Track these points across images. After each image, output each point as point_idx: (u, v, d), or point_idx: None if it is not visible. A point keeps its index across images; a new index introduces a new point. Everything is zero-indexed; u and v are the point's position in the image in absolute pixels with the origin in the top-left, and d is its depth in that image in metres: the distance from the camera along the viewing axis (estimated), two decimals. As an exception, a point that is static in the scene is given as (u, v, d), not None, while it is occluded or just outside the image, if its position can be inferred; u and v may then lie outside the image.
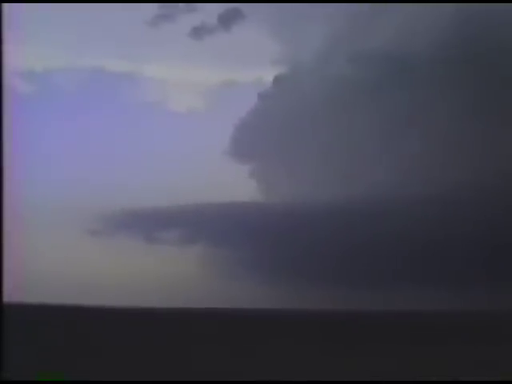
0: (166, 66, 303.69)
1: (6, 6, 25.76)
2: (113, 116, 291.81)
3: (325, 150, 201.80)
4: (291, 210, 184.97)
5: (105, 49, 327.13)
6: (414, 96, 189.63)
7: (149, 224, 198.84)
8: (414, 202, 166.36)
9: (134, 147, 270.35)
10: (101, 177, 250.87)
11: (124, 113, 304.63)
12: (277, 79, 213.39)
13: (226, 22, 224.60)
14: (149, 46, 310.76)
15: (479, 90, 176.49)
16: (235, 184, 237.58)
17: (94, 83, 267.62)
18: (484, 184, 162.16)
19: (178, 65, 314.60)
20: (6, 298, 23.34)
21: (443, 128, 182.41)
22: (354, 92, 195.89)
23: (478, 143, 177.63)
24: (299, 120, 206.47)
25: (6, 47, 25.52)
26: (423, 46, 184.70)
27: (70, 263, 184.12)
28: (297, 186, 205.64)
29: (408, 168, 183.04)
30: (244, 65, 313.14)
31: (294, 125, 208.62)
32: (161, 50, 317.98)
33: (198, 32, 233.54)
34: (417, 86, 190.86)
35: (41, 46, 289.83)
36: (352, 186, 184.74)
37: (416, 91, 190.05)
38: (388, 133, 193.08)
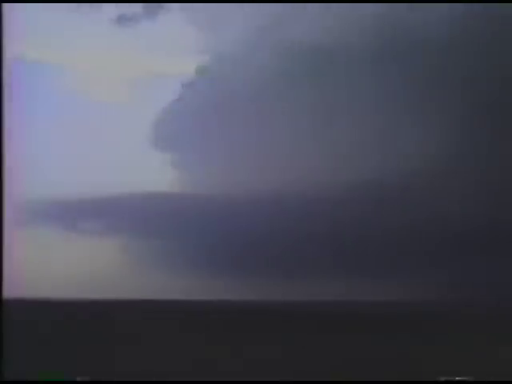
0: (89, 55, 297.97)
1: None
2: (35, 105, 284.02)
3: (249, 139, 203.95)
4: (213, 200, 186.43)
5: (26, 36, 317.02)
6: (339, 86, 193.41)
7: (72, 214, 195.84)
8: (346, 188, 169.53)
9: (56, 136, 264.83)
10: (22, 166, 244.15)
11: (46, 102, 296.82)
12: (200, 69, 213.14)
13: (151, 11, 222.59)
14: (72, 33, 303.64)
15: (406, 81, 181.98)
16: (158, 174, 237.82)
17: (15, 71, 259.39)
18: (415, 171, 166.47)
19: (101, 53, 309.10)
20: None
21: (371, 116, 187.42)
22: (278, 83, 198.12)
23: (407, 131, 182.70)
24: (222, 110, 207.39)
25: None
26: (349, 38, 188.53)
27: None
28: (219, 176, 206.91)
29: (337, 156, 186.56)
30: (168, 54, 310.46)
31: (217, 115, 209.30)
32: (84, 39, 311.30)
33: (123, 21, 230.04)
34: (342, 76, 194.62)
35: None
36: (278, 174, 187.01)
37: (341, 82, 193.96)
38: (313, 122, 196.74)
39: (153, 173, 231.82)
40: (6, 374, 22.66)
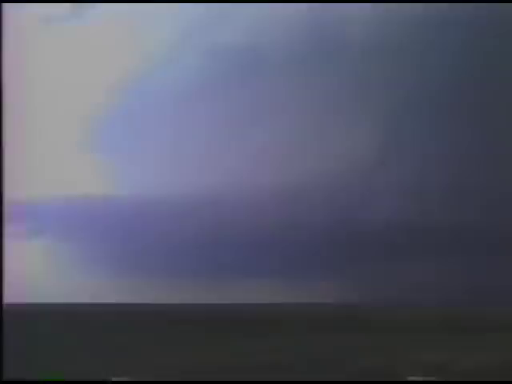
0: (16, 54, 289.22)
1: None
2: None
3: (176, 140, 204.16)
4: (140, 203, 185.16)
5: None
6: (265, 88, 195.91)
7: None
8: (262, 191, 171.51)
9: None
10: None
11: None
12: (129, 70, 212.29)
13: (78, 11, 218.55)
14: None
15: (333, 84, 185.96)
16: (84, 176, 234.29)
17: None
18: (333, 173, 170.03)
19: (27, 52, 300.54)
20: None
21: (292, 119, 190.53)
22: (206, 83, 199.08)
23: (332, 132, 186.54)
24: (150, 112, 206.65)
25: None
26: (276, 40, 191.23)
27: None
28: (145, 178, 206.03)
29: (257, 157, 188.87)
30: (95, 55, 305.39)
31: (145, 116, 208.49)
32: (8, 37, 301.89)
33: (49, 20, 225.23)
34: (268, 77, 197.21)
35: None
36: (203, 176, 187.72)
37: (267, 83, 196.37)
38: (237, 122, 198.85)
39: (78, 175, 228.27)
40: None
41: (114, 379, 22.81)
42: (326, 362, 29.91)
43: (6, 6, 25.30)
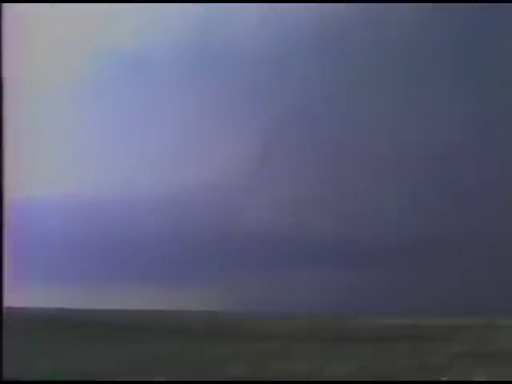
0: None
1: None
2: None
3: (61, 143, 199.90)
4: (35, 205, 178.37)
5: None
6: (149, 94, 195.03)
7: None
8: (140, 200, 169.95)
9: None
10: None
11: None
12: (15, 78, 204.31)
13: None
14: None
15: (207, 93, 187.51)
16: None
17: None
18: (211, 183, 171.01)
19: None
20: None
21: (178, 125, 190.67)
22: (87, 89, 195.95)
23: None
24: (33, 118, 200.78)
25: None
26: (161, 46, 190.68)
27: None
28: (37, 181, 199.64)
29: (134, 166, 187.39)
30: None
31: (30, 123, 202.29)
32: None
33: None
34: (152, 85, 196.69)
35: None
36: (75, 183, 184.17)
37: (151, 90, 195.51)
38: (112, 130, 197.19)
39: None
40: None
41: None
42: (196, 369, 30.16)
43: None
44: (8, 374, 23.56)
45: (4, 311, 22.87)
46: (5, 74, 24.75)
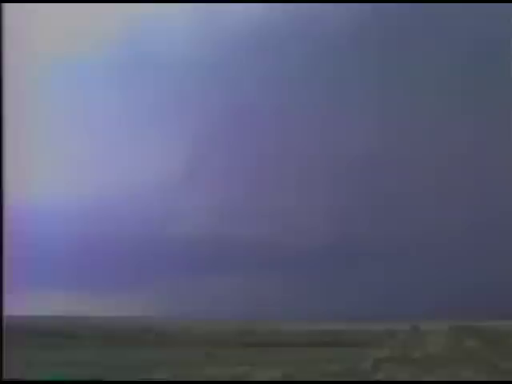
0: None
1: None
2: None
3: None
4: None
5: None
6: (79, 97, 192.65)
7: None
8: (70, 201, 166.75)
9: None
10: None
11: None
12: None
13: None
14: None
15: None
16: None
17: None
18: (147, 185, 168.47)
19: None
20: None
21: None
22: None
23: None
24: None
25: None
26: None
27: None
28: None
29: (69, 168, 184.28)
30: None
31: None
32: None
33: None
34: (85, 87, 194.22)
35: None
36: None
37: (81, 93, 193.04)
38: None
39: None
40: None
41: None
42: (120, 375, 29.26)
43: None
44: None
45: None
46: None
